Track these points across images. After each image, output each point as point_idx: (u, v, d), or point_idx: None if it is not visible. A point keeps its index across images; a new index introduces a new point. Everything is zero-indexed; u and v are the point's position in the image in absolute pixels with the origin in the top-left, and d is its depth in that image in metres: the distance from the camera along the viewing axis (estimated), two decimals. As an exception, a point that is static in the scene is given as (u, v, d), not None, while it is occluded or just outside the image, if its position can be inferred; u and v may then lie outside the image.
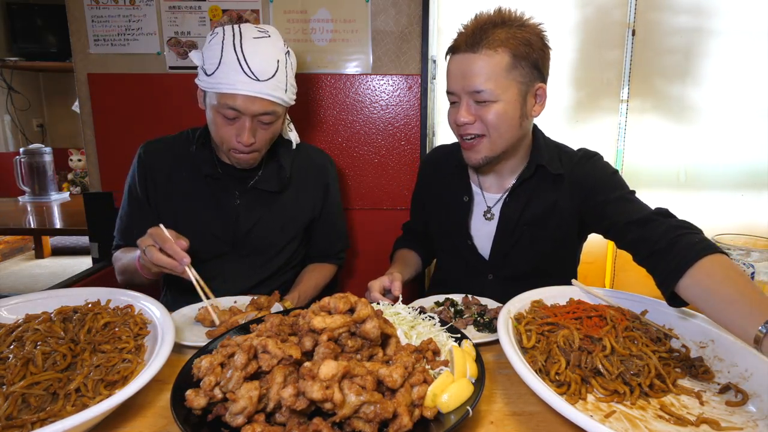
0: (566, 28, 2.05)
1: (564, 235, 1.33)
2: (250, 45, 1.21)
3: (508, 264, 1.36)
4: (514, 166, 1.31)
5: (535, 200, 1.30)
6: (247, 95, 1.20)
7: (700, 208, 2.20)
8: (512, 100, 1.16)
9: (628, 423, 0.72)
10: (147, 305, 0.99)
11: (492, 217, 1.35)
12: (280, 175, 1.44)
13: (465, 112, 1.17)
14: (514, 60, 1.13)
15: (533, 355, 0.86)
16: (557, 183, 1.29)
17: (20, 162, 3.13)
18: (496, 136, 1.18)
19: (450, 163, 1.41)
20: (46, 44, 3.92)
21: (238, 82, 1.19)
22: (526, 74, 1.16)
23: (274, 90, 1.23)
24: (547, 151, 1.30)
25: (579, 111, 2.14)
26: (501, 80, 1.13)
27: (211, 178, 1.39)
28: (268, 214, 1.44)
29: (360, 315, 0.78)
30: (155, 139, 1.47)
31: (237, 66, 1.19)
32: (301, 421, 0.67)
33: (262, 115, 1.25)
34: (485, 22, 1.15)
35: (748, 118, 2.10)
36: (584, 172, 1.28)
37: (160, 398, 0.83)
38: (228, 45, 1.21)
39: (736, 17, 2.02)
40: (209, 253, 1.38)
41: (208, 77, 1.23)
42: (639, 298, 1.06)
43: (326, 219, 1.58)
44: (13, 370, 0.77)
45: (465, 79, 1.15)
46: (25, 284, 3.77)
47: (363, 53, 1.98)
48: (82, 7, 1.95)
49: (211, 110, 1.27)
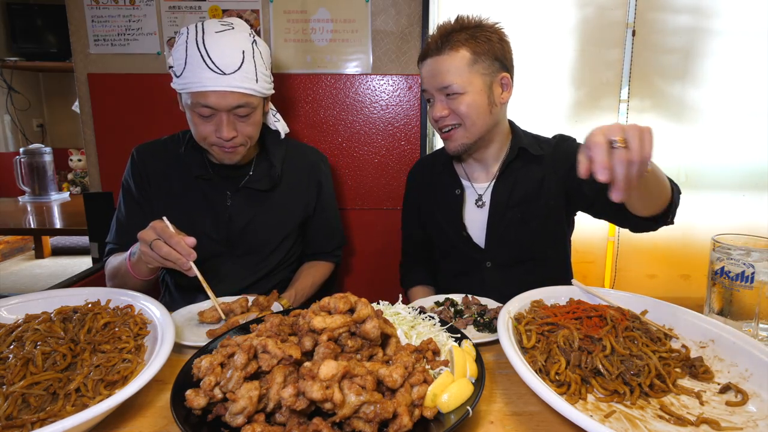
0: (566, 28, 2.05)
1: (552, 211, 1.39)
2: (213, 39, 1.21)
3: (503, 247, 1.40)
4: (495, 153, 1.41)
5: (522, 181, 1.39)
6: (216, 91, 1.19)
7: (700, 208, 2.20)
8: (479, 90, 1.28)
9: (628, 423, 0.72)
10: (147, 305, 0.99)
11: (483, 205, 1.42)
12: (270, 174, 1.43)
13: (439, 108, 1.30)
14: (474, 55, 1.26)
15: (533, 355, 0.86)
16: (539, 163, 1.39)
17: (20, 162, 3.13)
18: (469, 123, 1.30)
19: (437, 166, 1.51)
20: (46, 44, 3.92)
21: (205, 78, 1.18)
22: (488, 66, 1.28)
23: (243, 81, 1.22)
24: (526, 138, 1.43)
25: (579, 111, 2.14)
26: (465, 74, 1.26)
27: (202, 179, 1.39)
28: (261, 213, 1.43)
29: (360, 315, 0.78)
30: (147, 142, 1.47)
31: (201, 63, 1.18)
32: (301, 421, 0.67)
33: (236, 108, 1.24)
34: (446, 29, 1.29)
35: (748, 118, 2.10)
36: (565, 150, 1.39)
37: (160, 398, 0.83)
38: (191, 43, 1.20)
39: (735, 17, 2.02)
40: (204, 254, 1.36)
41: (178, 78, 1.23)
42: (639, 298, 1.06)
43: (320, 216, 1.58)
44: (13, 370, 0.77)
45: (435, 78, 1.29)
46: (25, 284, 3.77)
47: (363, 53, 1.98)
48: (82, 7, 1.95)
49: (188, 110, 1.27)
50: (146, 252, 1.09)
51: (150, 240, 1.07)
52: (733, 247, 1.02)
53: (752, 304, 1.01)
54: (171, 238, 1.07)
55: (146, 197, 1.41)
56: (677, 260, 2.25)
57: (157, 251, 1.06)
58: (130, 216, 1.41)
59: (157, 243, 1.06)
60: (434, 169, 1.52)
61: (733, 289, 1.02)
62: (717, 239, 1.06)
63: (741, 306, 1.02)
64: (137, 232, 1.16)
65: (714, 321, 0.95)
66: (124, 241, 1.39)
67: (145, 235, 1.09)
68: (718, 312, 1.06)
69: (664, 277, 2.26)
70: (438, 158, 1.53)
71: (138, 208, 1.41)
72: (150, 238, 1.08)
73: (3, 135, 4.12)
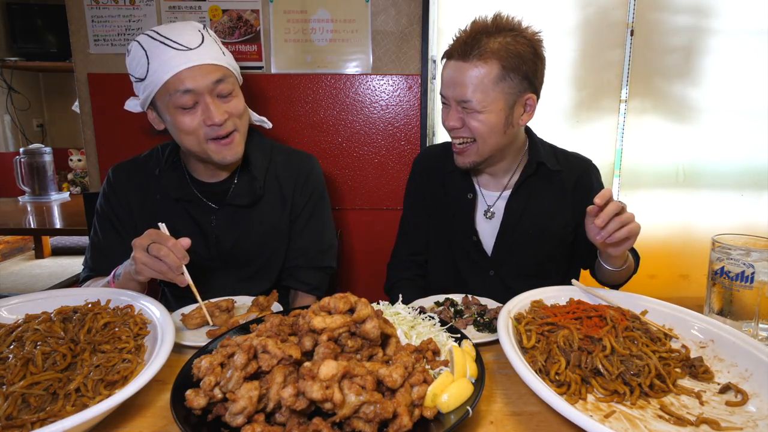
0: (566, 29, 2.05)
1: (564, 233, 1.37)
2: (166, 28, 1.19)
3: (510, 261, 1.38)
4: (506, 166, 1.37)
5: (537, 197, 1.35)
6: (189, 68, 1.15)
7: (699, 208, 2.20)
8: (497, 111, 1.19)
9: (628, 423, 0.72)
10: (147, 305, 0.99)
11: (492, 216, 1.38)
12: (253, 187, 1.35)
13: (453, 117, 1.23)
14: (503, 72, 1.16)
15: (533, 355, 0.86)
16: (556, 181, 1.34)
17: (20, 162, 3.13)
18: (481, 142, 1.24)
19: (448, 163, 1.42)
20: (46, 44, 3.92)
21: (172, 59, 1.15)
22: (515, 86, 1.18)
23: (210, 53, 1.19)
24: (543, 149, 1.36)
25: (579, 111, 2.14)
26: (488, 91, 1.17)
27: (183, 201, 1.33)
28: (248, 228, 1.37)
29: (360, 315, 0.78)
30: (125, 161, 1.40)
31: (165, 48, 1.15)
32: (301, 421, 0.67)
33: (216, 85, 1.18)
34: (480, 29, 1.17)
35: (747, 117, 2.10)
36: (589, 184, 1.37)
37: (160, 398, 0.83)
38: (147, 41, 1.17)
39: (735, 16, 2.02)
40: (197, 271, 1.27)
41: (144, 81, 1.18)
42: (639, 298, 1.06)
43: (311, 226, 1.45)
44: (13, 370, 0.77)
45: (455, 88, 1.20)
46: (25, 284, 3.77)
47: (363, 53, 1.98)
48: (82, 7, 1.95)
49: (167, 113, 1.20)
50: (140, 258, 1.05)
51: (146, 244, 1.05)
52: (733, 247, 1.02)
53: (752, 304, 1.01)
54: (167, 240, 1.05)
55: (126, 219, 1.35)
56: (677, 260, 2.25)
57: (155, 253, 1.04)
58: (108, 240, 1.35)
59: (154, 246, 1.05)
60: (445, 166, 1.43)
61: (732, 289, 1.02)
62: (717, 239, 1.06)
63: (741, 306, 1.02)
64: (115, 256, 1.13)
65: (714, 321, 0.96)
66: (103, 267, 1.31)
67: (141, 240, 1.07)
68: (718, 312, 1.06)
69: (663, 277, 2.26)
70: (448, 153, 1.41)
71: (114, 233, 1.35)
72: (146, 242, 1.06)
73: (3, 135, 4.12)
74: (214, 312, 1.09)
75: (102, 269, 1.32)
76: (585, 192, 1.35)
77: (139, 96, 1.25)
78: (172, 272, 1.05)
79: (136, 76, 1.20)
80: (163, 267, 1.05)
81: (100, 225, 1.37)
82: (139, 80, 1.20)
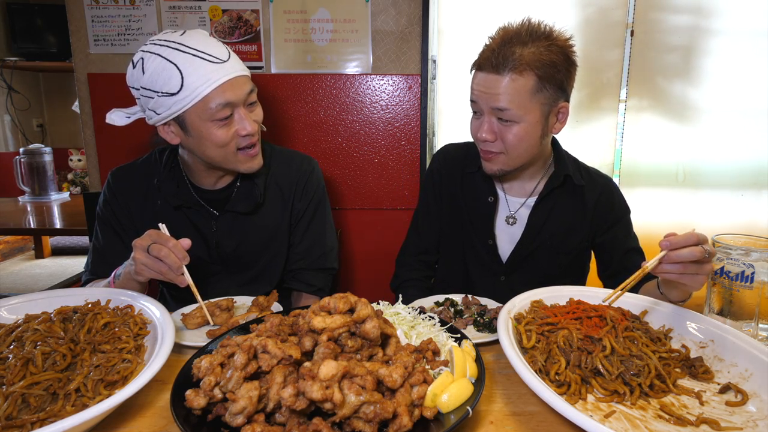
0: (566, 29, 2.05)
1: (580, 248, 1.38)
2: (188, 38, 1.15)
3: (523, 268, 1.38)
4: (533, 172, 1.36)
5: (559, 210, 1.34)
6: (229, 80, 1.14)
7: (698, 207, 2.20)
8: (534, 122, 1.16)
9: (628, 423, 0.72)
10: (147, 305, 0.99)
11: (514, 222, 1.37)
12: (253, 194, 1.34)
13: (487, 130, 1.18)
14: (540, 83, 1.12)
15: (533, 355, 0.86)
16: (578, 195, 1.34)
17: (20, 162, 3.13)
18: (515, 155, 1.21)
19: (470, 163, 1.40)
20: (46, 44, 3.92)
21: (212, 73, 1.12)
22: (551, 96, 1.15)
23: (239, 64, 1.19)
24: (569, 160, 1.36)
25: (579, 111, 2.14)
26: (525, 102, 1.13)
27: (183, 208, 1.33)
28: (249, 234, 1.37)
29: (360, 315, 0.78)
30: (124, 166, 1.39)
31: (200, 62, 1.12)
32: (301, 421, 0.67)
33: (248, 95, 1.20)
34: (511, 38, 1.13)
35: (747, 117, 2.10)
36: (611, 203, 1.36)
37: (160, 398, 0.83)
38: (172, 54, 1.12)
39: (735, 17, 2.02)
40: (200, 275, 1.28)
41: (176, 96, 1.12)
42: (639, 298, 1.06)
43: (312, 229, 1.45)
44: (13, 370, 0.77)
45: (490, 97, 1.15)
46: (25, 284, 3.78)
47: (363, 53, 1.98)
48: (82, 7, 1.95)
49: (201, 126, 1.16)
50: (140, 258, 1.05)
51: (146, 245, 1.05)
52: (733, 247, 1.02)
53: (752, 304, 1.01)
54: (168, 241, 1.05)
55: (127, 223, 1.35)
56: (677, 260, 2.25)
57: (156, 253, 1.04)
58: (109, 244, 1.34)
59: (155, 246, 1.04)
60: (467, 165, 1.41)
61: (732, 289, 1.02)
62: (717, 239, 1.06)
63: (741, 306, 1.02)
64: (117, 260, 1.12)
65: (714, 321, 0.95)
66: (103, 271, 1.30)
67: (141, 241, 1.07)
68: (718, 312, 1.06)
69: (664, 277, 2.26)
70: (468, 153, 1.41)
71: (116, 237, 1.35)
72: (146, 243, 1.06)
73: (3, 135, 4.13)
74: (214, 311, 1.09)
75: (103, 273, 1.31)
76: (606, 210, 1.35)
77: (154, 111, 1.18)
78: (173, 272, 1.05)
79: (163, 90, 1.13)
80: (163, 267, 1.05)
81: (102, 229, 1.37)
82: (168, 95, 1.13)
